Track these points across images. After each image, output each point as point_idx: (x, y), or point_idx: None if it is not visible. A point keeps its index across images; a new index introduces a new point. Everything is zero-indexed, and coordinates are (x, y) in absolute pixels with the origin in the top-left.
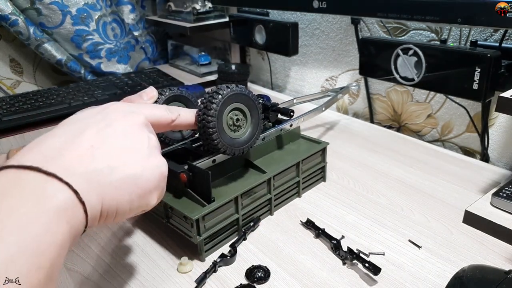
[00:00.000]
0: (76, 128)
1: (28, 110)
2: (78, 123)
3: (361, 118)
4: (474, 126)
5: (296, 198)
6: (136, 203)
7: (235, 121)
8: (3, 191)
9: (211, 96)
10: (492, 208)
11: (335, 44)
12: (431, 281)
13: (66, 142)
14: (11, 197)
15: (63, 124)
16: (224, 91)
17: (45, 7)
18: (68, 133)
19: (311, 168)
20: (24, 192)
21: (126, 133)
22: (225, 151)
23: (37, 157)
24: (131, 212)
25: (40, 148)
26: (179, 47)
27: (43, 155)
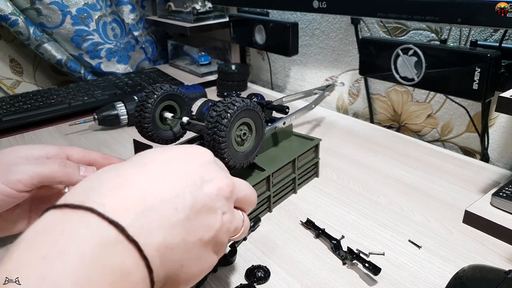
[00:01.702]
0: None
1: (28, 110)
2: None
3: (361, 118)
4: (474, 126)
5: (292, 194)
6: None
7: (242, 135)
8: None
9: (226, 106)
10: (492, 208)
11: (335, 44)
12: (431, 281)
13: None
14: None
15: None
16: (238, 104)
17: (45, 7)
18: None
19: (305, 165)
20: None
21: None
22: (228, 162)
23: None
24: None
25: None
26: (179, 47)
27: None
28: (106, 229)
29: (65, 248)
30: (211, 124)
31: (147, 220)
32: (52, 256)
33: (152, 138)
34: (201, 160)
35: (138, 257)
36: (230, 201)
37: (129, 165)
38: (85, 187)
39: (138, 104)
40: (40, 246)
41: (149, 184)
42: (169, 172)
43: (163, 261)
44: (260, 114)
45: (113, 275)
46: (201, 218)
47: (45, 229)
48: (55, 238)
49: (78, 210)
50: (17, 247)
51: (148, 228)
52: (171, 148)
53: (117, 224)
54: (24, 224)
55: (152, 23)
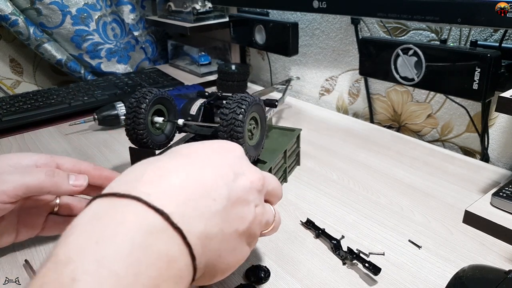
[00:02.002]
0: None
1: (28, 110)
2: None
3: (361, 118)
4: (474, 126)
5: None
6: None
7: (252, 130)
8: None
9: (238, 102)
10: (492, 208)
11: (335, 44)
12: (431, 281)
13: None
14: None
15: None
16: (249, 99)
17: (45, 7)
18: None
19: (292, 154)
20: None
21: None
22: None
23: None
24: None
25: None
26: (179, 47)
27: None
28: (152, 217)
29: (116, 234)
30: (226, 121)
31: (189, 209)
32: (104, 241)
33: (147, 145)
34: (234, 154)
35: (182, 245)
36: (261, 194)
37: (166, 158)
38: (128, 178)
39: (129, 111)
40: (93, 231)
41: (188, 176)
42: (205, 165)
43: (203, 249)
44: (264, 108)
45: (160, 261)
46: (236, 209)
47: (96, 216)
48: (106, 224)
49: (125, 199)
50: (70, 232)
51: (190, 217)
52: (204, 143)
53: (162, 212)
54: (12, 238)
55: (152, 23)
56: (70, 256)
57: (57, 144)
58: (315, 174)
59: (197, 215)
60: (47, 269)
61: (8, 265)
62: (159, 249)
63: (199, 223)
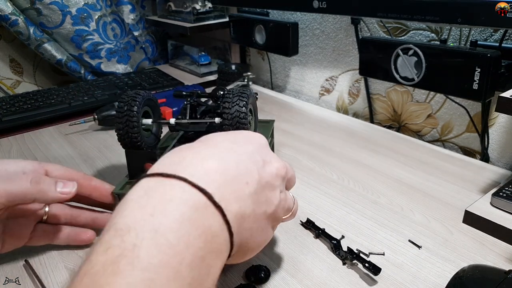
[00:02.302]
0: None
1: (28, 110)
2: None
3: (361, 118)
4: (474, 126)
5: None
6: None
7: (250, 121)
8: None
9: (238, 96)
10: (492, 208)
11: (335, 44)
12: (431, 281)
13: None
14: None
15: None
16: (247, 92)
17: (45, 7)
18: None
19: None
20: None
21: None
22: None
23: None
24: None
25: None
26: (179, 47)
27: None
28: (197, 195)
29: (167, 208)
30: (231, 115)
31: (227, 191)
32: (158, 214)
33: (141, 148)
34: (260, 143)
35: (222, 222)
36: (284, 181)
37: (201, 145)
38: (170, 160)
39: (120, 115)
40: (146, 205)
41: (224, 161)
42: (238, 152)
43: (238, 228)
44: (255, 100)
45: (205, 234)
46: (265, 193)
47: (146, 192)
48: (157, 199)
49: (172, 179)
50: (125, 206)
51: (227, 198)
52: (233, 132)
53: (205, 192)
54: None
55: (152, 23)
56: (129, 226)
57: (57, 144)
58: (315, 174)
59: (234, 196)
60: (110, 236)
61: (8, 265)
62: (203, 223)
63: (235, 203)
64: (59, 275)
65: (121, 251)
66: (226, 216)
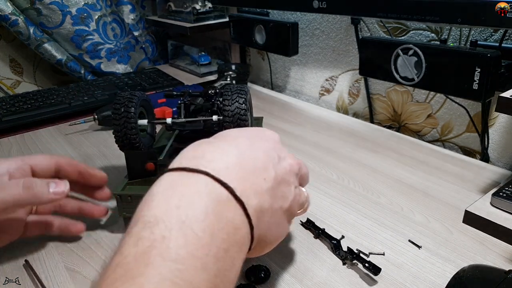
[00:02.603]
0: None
1: (28, 110)
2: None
3: (361, 118)
4: (474, 126)
5: None
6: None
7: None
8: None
9: (240, 90)
10: (492, 208)
11: (335, 44)
12: (431, 281)
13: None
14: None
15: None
16: (246, 89)
17: (45, 7)
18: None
19: None
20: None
21: None
22: None
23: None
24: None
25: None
26: (179, 47)
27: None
28: (219, 189)
29: (192, 201)
30: (231, 112)
31: (247, 186)
32: (183, 206)
33: (138, 148)
34: (274, 139)
35: (243, 215)
36: (297, 177)
37: (219, 140)
38: (192, 155)
39: (117, 117)
40: (172, 198)
41: (243, 157)
42: (254, 148)
43: (258, 222)
44: (250, 96)
45: (228, 227)
46: (281, 189)
47: (171, 186)
48: (182, 193)
49: (195, 173)
50: (151, 199)
51: (248, 192)
52: (247, 129)
53: (228, 186)
54: None
55: (152, 23)
56: (157, 218)
57: (57, 144)
58: (315, 174)
59: (253, 191)
60: (139, 228)
61: (8, 265)
62: (226, 216)
63: (254, 198)
64: (59, 275)
65: (151, 243)
66: (247, 210)
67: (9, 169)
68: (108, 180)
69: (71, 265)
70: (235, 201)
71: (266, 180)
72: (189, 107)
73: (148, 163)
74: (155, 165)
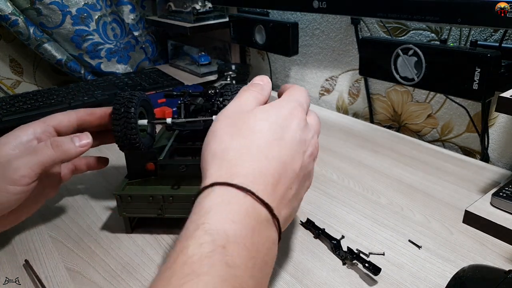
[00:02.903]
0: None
1: (28, 110)
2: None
3: (361, 118)
4: (474, 126)
5: None
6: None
7: None
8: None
9: (236, 93)
10: (492, 208)
11: (335, 44)
12: (431, 281)
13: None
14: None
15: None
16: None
17: (45, 7)
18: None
19: None
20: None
21: None
22: None
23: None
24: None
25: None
26: (179, 47)
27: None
28: (261, 209)
29: (243, 219)
30: None
31: (281, 202)
32: (237, 222)
33: (139, 149)
34: (298, 121)
35: (276, 231)
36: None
37: (249, 140)
38: (231, 164)
39: (117, 117)
40: (227, 213)
41: (273, 164)
42: (282, 145)
43: (284, 225)
44: None
45: (268, 242)
46: (303, 183)
47: (224, 201)
48: (234, 210)
49: (242, 191)
50: (208, 210)
51: (281, 208)
52: (275, 113)
53: (269, 207)
54: (42, 201)
55: (152, 23)
56: (218, 229)
57: None
58: (315, 174)
59: (284, 204)
60: (201, 234)
61: (8, 265)
62: (267, 234)
63: (284, 209)
64: (59, 275)
65: (214, 248)
66: (280, 223)
67: (35, 134)
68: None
69: (71, 265)
70: (272, 219)
71: (292, 188)
72: (189, 107)
73: (148, 163)
74: (155, 165)
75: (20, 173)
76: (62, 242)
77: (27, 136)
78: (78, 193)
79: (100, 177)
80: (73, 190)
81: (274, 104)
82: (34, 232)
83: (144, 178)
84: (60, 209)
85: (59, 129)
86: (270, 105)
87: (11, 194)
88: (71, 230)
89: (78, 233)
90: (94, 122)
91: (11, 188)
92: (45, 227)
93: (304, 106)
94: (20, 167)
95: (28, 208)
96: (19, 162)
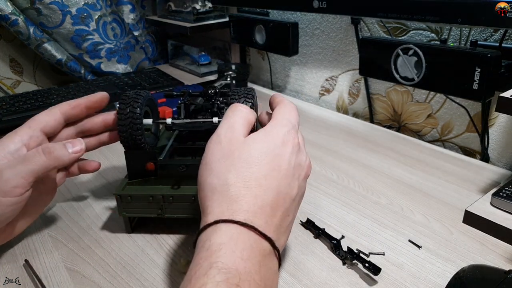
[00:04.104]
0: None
1: (28, 110)
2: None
3: (361, 118)
4: (474, 126)
5: None
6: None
7: None
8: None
9: (247, 94)
10: (492, 208)
11: (335, 44)
12: (431, 281)
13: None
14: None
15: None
16: (253, 91)
17: (45, 7)
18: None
19: None
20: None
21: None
22: None
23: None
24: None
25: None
26: (179, 47)
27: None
28: (263, 242)
29: (250, 255)
30: None
31: (279, 232)
32: (246, 259)
33: (144, 149)
34: (292, 146)
35: (277, 260)
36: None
37: (251, 177)
38: (231, 200)
39: (123, 117)
40: (236, 251)
41: (271, 196)
42: (279, 174)
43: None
44: (256, 98)
45: (272, 274)
46: (298, 205)
47: (232, 239)
48: (242, 247)
49: (245, 227)
50: (219, 247)
51: (280, 238)
52: (267, 140)
53: (270, 240)
54: (41, 207)
55: (152, 23)
56: (229, 268)
57: None
58: (315, 174)
59: (282, 232)
60: (215, 272)
61: (8, 265)
62: (270, 266)
63: (283, 237)
64: (59, 275)
65: (229, 286)
66: (279, 253)
67: (23, 141)
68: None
69: (71, 265)
70: (274, 251)
71: (289, 215)
72: (189, 107)
73: (148, 163)
74: (155, 165)
75: (12, 184)
76: (62, 242)
77: (15, 145)
78: (78, 193)
79: (100, 177)
80: (73, 190)
81: (267, 131)
82: (34, 232)
83: (144, 178)
84: (60, 209)
85: (47, 130)
86: (264, 133)
87: (5, 206)
88: (71, 230)
89: (78, 233)
90: (80, 114)
91: (3, 200)
92: (45, 227)
93: (296, 128)
94: (11, 177)
95: (26, 217)
96: (9, 173)
